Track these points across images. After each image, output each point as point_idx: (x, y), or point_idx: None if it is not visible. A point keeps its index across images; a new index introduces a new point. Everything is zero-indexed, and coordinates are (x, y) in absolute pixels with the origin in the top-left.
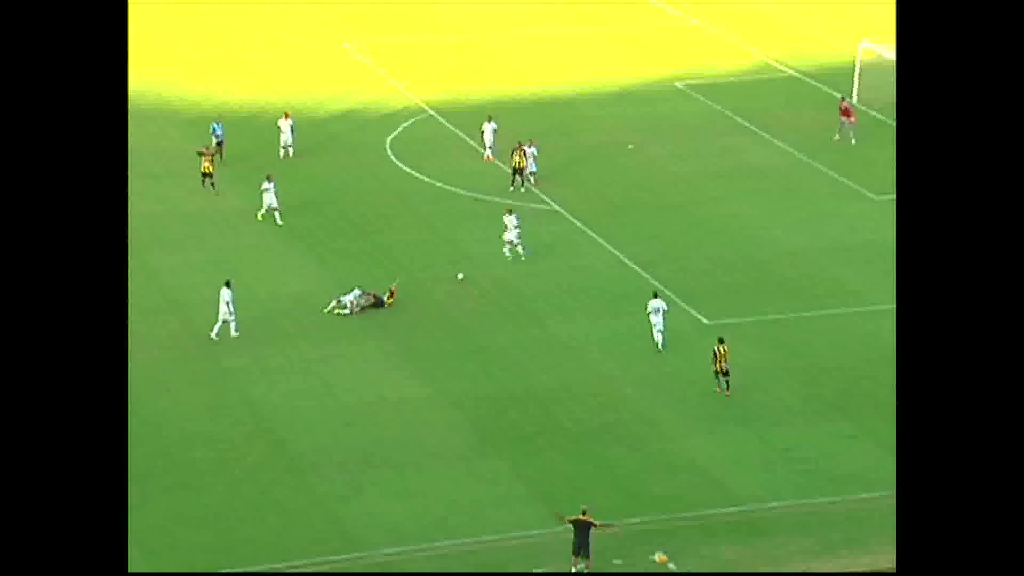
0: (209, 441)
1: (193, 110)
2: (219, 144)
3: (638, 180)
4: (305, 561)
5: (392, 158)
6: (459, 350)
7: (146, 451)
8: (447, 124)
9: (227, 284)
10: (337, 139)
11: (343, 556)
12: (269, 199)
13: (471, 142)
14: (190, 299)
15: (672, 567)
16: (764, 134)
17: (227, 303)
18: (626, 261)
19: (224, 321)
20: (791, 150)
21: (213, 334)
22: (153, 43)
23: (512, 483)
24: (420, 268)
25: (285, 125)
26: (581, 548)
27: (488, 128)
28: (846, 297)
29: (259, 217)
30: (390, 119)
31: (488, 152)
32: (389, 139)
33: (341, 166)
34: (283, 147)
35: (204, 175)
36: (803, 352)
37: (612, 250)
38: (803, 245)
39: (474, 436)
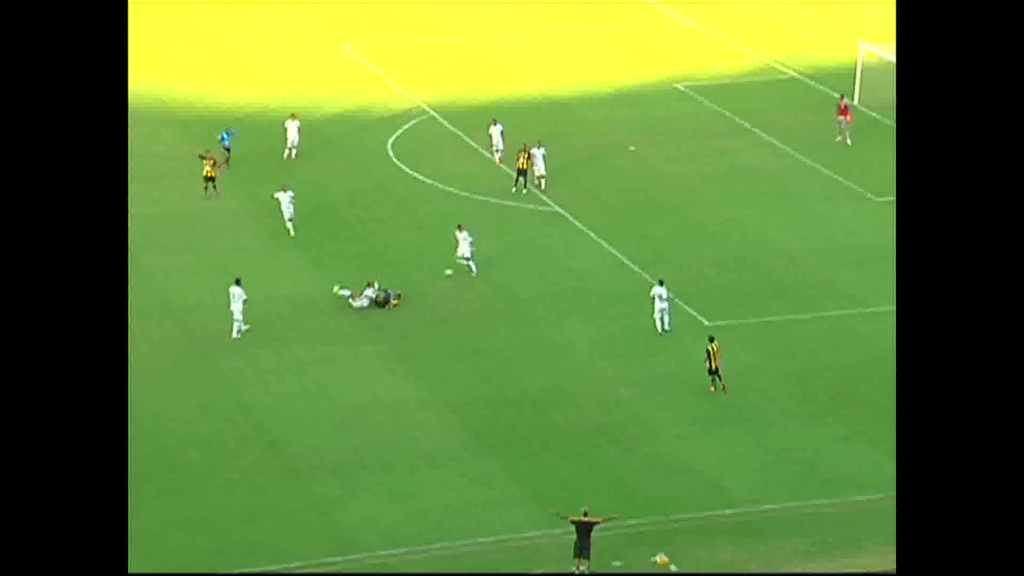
0: (204, 444)
1: (190, 112)
2: (227, 151)
3: (638, 182)
4: (300, 563)
5: (394, 159)
6: (454, 352)
7: (141, 454)
8: (448, 125)
9: (237, 282)
10: (338, 141)
11: (338, 558)
12: (287, 209)
13: (473, 143)
14: (185, 301)
15: (673, 568)
16: (765, 135)
17: (244, 300)
18: (625, 262)
19: (238, 320)
20: (793, 152)
21: (235, 334)
22: (151, 44)
23: (507, 485)
24: (416, 270)
25: (292, 126)
26: (583, 550)
27: (495, 131)
28: (841, 299)
29: (290, 232)
30: (392, 121)
31: (497, 155)
32: (391, 140)
33: (342, 168)
34: (289, 148)
35: (207, 179)
36: (798, 354)
37: (610, 251)
38: (805, 247)
39: (469, 438)
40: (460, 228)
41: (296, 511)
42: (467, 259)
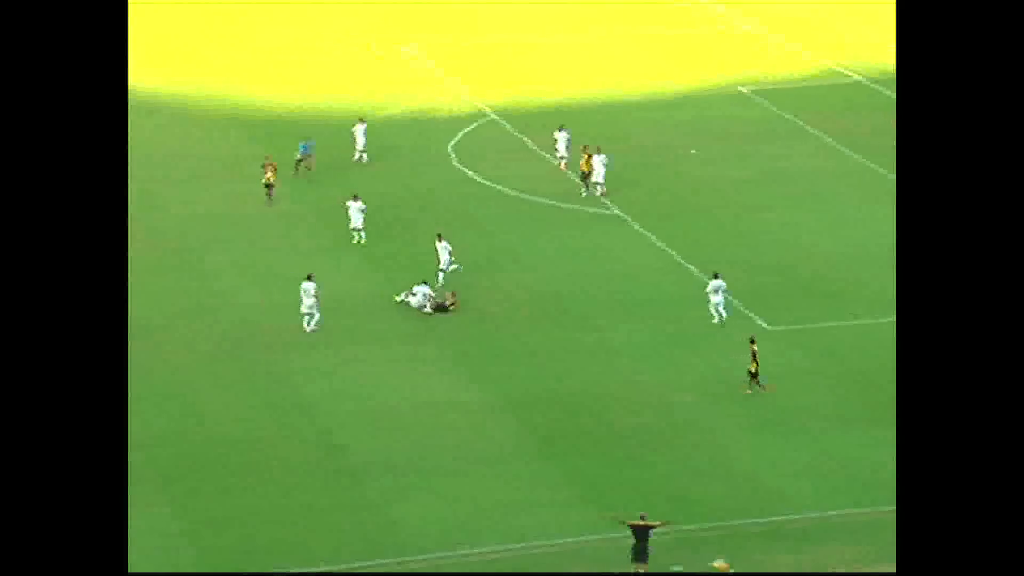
0: (257, 443)
1: (257, 115)
2: (299, 161)
3: (697, 185)
4: (352, 565)
5: (455, 162)
6: (508, 354)
7: (191, 450)
8: (510, 128)
9: (309, 278)
10: (399, 144)
11: (391, 559)
12: (355, 219)
13: (533, 146)
14: (238, 300)
15: (731, 572)
16: (827, 139)
17: (316, 296)
18: (683, 265)
19: (307, 314)
20: (854, 155)
21: (308, 328)
22: (215, 46)
23: (561, 487)
24: (471, 272)
25: (359, 130)
26: (641, 553)
27: (561, 136)
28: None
29: (355, 240)
30: (453, 123)
31: (563, 162)
32: (452, 143)
33: (402, 171)
34: (359, 152)
35: (267, 185)
36: (854, 358)
37: (668, 255)
38: (859, 252)
39: (523, 440)
40: (440, 238)
41: (349, 511)
42: (446, 269)
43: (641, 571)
